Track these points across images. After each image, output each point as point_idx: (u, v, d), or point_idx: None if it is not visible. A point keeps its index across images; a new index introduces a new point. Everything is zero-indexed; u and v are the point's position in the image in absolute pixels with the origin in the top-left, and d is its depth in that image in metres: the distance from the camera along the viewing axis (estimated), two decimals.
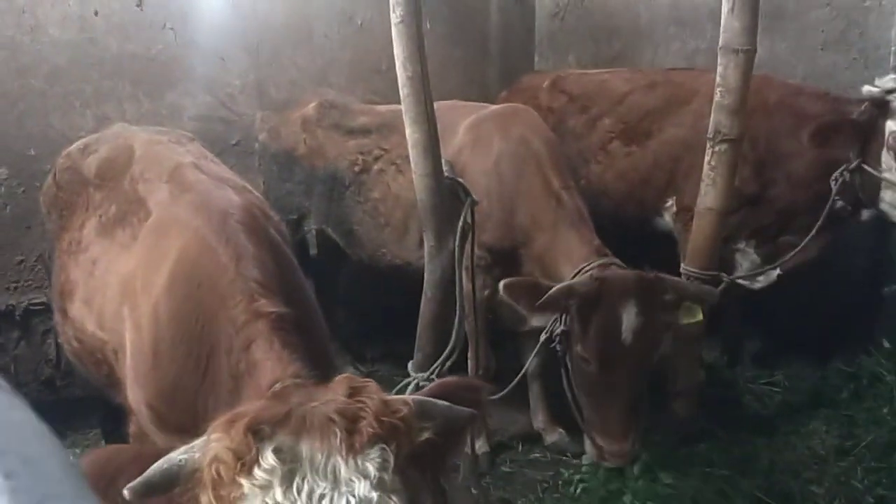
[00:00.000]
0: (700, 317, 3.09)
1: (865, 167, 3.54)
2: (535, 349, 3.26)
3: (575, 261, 3.23)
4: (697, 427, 3.72)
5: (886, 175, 3.49)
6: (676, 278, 3.21)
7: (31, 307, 4.06)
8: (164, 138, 2.96)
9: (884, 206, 3.61)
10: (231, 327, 1.94)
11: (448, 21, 5.38)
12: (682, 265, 3.58)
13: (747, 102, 3.31)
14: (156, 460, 1.46)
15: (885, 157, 3.50)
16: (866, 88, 3.56)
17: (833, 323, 4.33)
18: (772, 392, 4.20)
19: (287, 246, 2.44)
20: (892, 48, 4.33)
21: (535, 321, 3.15)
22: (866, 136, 3.55)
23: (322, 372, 1.83)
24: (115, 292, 2.40)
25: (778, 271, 3.80)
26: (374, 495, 1.38)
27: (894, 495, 3.26)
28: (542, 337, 3.14)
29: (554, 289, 2.99)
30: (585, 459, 3.54)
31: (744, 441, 3.69)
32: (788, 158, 3.83)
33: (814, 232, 3.64)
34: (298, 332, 1.95)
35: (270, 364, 1.81)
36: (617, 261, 3.16)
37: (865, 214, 3.76)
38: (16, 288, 4.08)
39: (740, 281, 3.81)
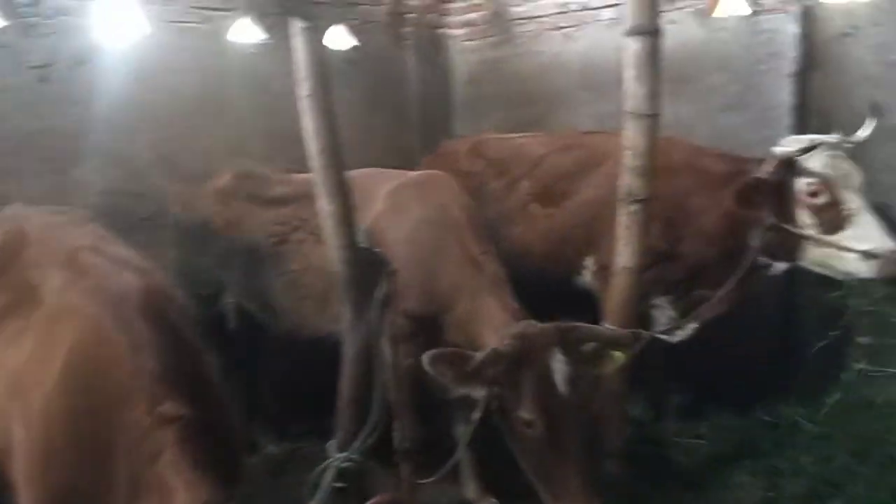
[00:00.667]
0: (623, 360, 3.10)
1: (787, 227, 3.66)
2: (467, 432, 3.09)
3: (496, 326, 3.21)
4: (626, 487, 3.70)
5: (807, 231, 3.62)
6: (592, 325, 3.21)
7: None
8: (61, 220, 2.83)
9: (807, 264, 3.73)
10: (133, 431, 1.85)
11: (366, 89, 5.44)
12: (602, 323, 3.62)
13: (655, 164, 3.42)
14: None
15: (801, 214, 3.65)
16: (777, 149, 3.73)
17: (752, 371, 4.43)
18: (697, 445, 4.24)
19: (192, 329, 2.34)
20: (786, 108, 4.61)
21: (463, 392, 3.07)
22: (778, 194, 3.71)
23: (234, 482, 1.79)
24: (4, 389, 2.24)
25: (694, 325, 3.90)
26: None
27: None
28: (474, 417, 2.95)
29: (480, 357, 2.93)
30: None
31: (672, 499, 3.68)
32: (696, 216, 3.96)
33: (729, 286, 3.74)
34: (206, 440, 1.88)
35: (181, 492, 1.76)
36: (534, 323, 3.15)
37: (777, 268, 3.90)
38: None
39: (659, 336, 3.87)
